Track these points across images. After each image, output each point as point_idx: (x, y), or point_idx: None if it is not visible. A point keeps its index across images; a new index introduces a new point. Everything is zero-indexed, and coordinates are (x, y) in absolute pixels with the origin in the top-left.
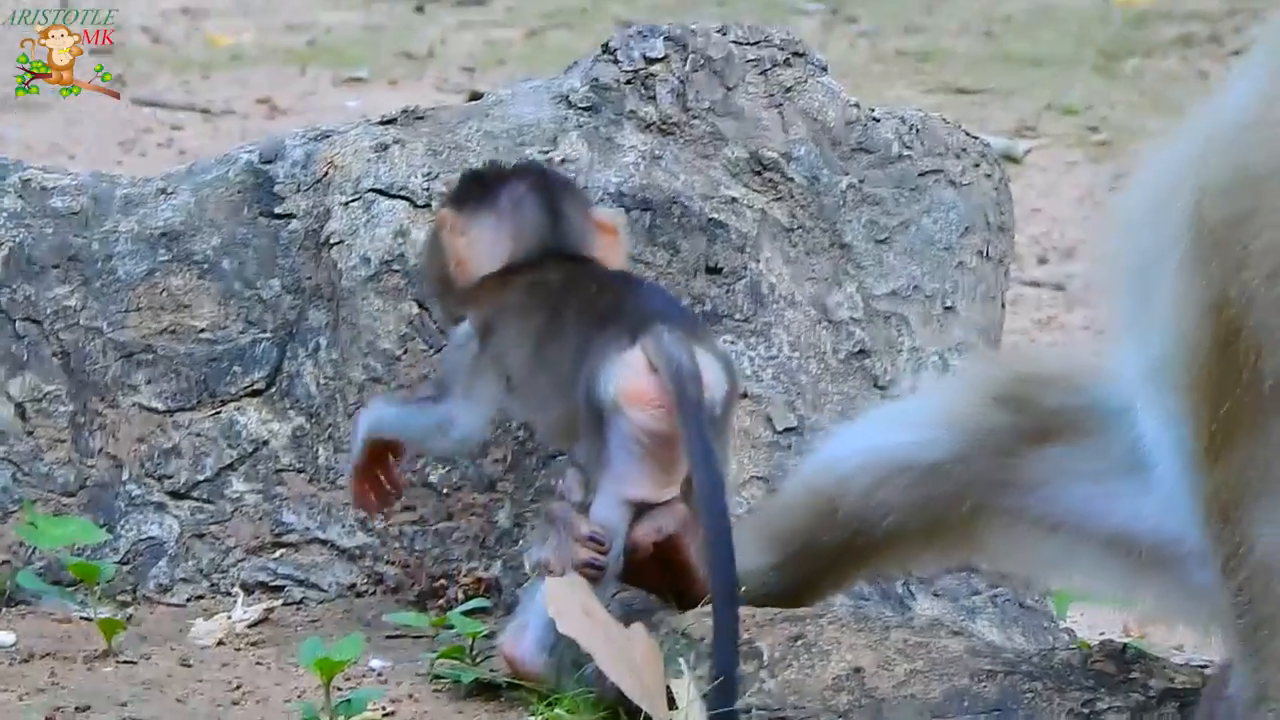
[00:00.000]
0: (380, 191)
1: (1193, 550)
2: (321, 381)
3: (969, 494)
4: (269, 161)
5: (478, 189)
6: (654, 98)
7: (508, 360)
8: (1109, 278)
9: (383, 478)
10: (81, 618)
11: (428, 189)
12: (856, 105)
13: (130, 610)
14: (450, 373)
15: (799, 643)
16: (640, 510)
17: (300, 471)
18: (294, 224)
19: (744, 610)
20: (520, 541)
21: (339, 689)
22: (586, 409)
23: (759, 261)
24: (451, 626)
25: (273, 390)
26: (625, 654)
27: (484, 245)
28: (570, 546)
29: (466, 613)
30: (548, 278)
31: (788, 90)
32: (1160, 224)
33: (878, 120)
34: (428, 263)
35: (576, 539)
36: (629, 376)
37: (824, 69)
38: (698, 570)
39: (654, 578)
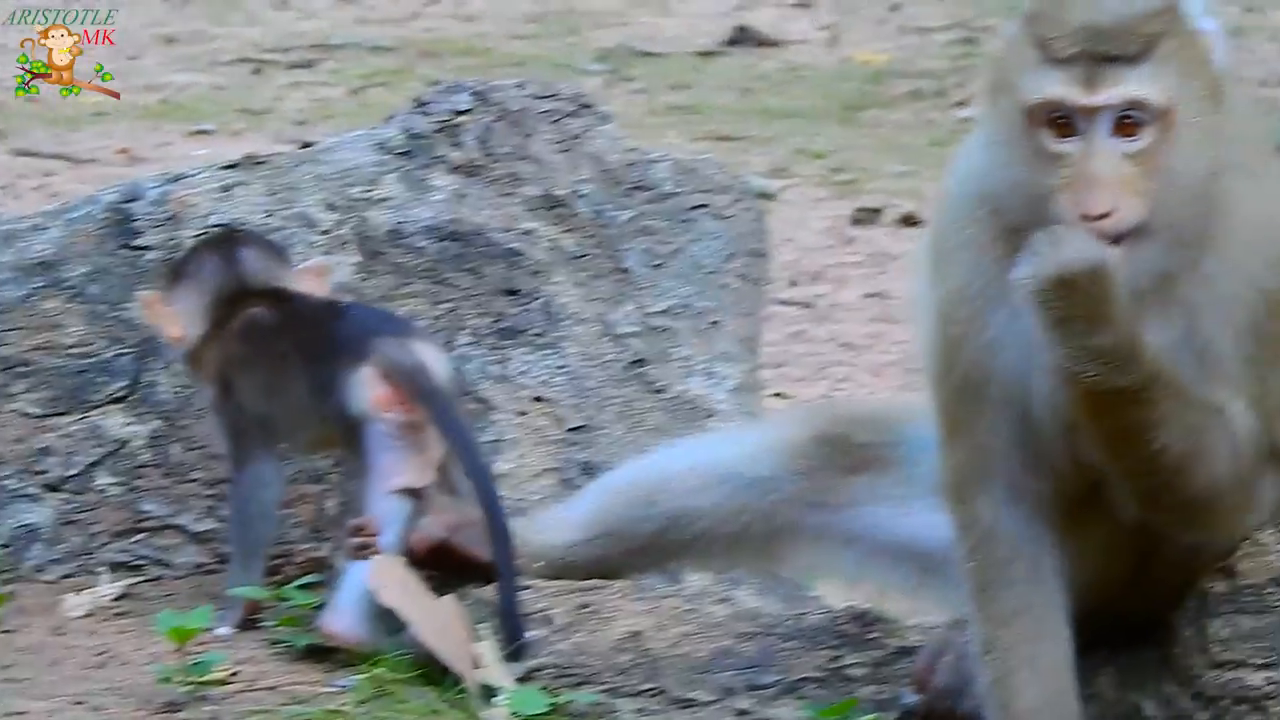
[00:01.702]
0: (225, 226)
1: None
2: (175, 390)
3: (780, 511)
4: (129, 201)
5: (173, 265)
6: (460, 144)
7: (251, 407)
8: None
9: None
10: None
11: (266, 224)
12: (635, 150)
13: (11, 588)
14: (226, 443)
15: (586, 610)
16: (412, 495)
17: (157, 467)
18: (151, 254)
19: (538, 582)
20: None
21: (191, 653)
22: (343, 427)
23: (551, 284)
24: (288, 599)
25: (133, 397)
26: (438, 622)
27: (184, 311)
28: (343, 541)
29: (301, 586)
30: (258, 323)
31: (576, 137)
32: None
33: (653, 163)
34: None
35: (347, 532)
36: (371, 389)
37: (607, 119)
38: (480, 557)
39: (446, 568)
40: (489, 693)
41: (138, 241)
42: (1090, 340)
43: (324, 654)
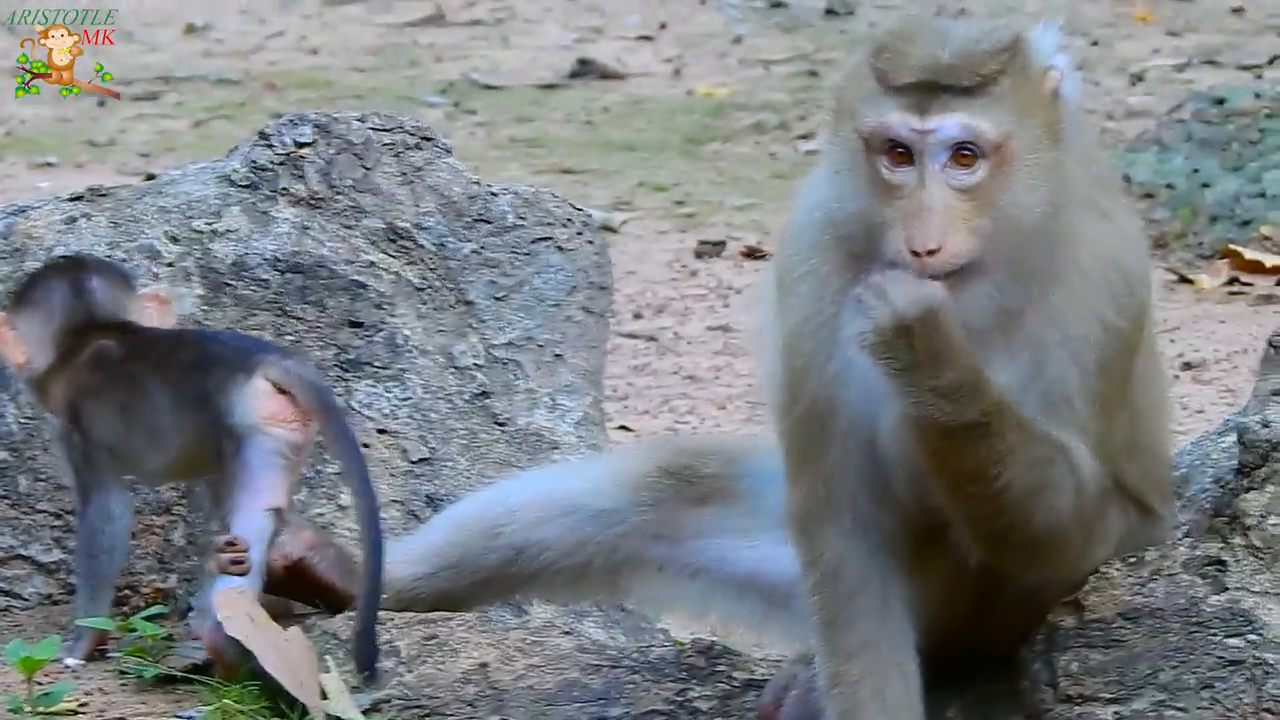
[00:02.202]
0: (72, 253)
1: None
2: (22, 420)
3: (624, 543)
4: None
5: (20, 289)
6: (303, 176)
7: (102, 436)
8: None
9: None
10: None
11: (110, 256)
12: (477, 182)
13: None
14: (73, 475)
15: (433, 642)
16: (275, 514)
17: (4, 498)
18: None
19: (384, 614)
20: (193, 558)
21: (39, 683)
22: (221, 441)
23: (395, 316)
24: (135, 629)
25: None
26: (284, 653)
27: (30, 336)
28: (213, 557)
29: (148, 618)
30: (106, 353)
31: (418, 170)
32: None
33: (496, 195)
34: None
35: (217, 549)
36: (262, 402)
37: (449, 151)
38: (334, 582)
39: (297, 593)
40: None
41: None
42: (935, 380)
43: (171, 683)
